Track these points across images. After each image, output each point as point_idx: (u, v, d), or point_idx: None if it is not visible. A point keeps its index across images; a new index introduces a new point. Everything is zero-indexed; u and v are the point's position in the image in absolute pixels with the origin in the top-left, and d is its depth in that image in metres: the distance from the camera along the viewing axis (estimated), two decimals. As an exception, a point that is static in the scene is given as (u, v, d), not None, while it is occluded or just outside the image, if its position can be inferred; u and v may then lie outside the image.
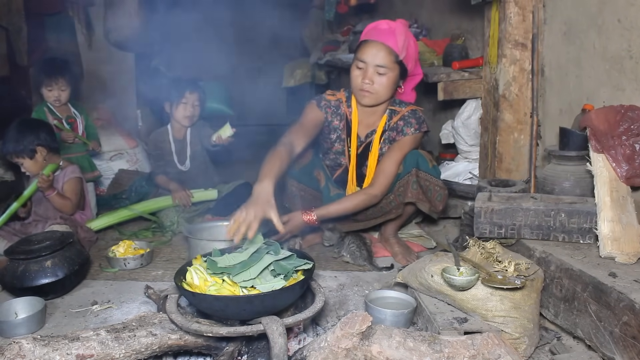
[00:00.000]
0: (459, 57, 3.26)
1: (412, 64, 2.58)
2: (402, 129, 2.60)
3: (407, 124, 2.59)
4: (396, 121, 2.61)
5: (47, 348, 1.55)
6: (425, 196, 2.52)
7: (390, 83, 2.52)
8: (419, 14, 4.29)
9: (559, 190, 2.25)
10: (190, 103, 3.40)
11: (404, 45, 2.48)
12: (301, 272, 1.85)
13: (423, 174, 2.52)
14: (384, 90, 2.52)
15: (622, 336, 1.59)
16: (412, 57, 2.57)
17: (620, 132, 2.03)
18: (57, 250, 2.31)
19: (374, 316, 1.65)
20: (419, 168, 2.51)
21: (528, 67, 2.72)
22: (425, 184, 2.52)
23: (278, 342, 1.56)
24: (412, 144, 2.59)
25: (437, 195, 2.54)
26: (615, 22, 2.22)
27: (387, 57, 2.46)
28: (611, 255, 1.87)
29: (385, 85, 2.51)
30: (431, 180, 2.52)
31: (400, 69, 2.52)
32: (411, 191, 2.50)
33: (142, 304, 2.22)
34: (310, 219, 2.47)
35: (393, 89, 2.56)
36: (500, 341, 1.51)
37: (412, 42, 2.57)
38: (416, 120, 2.60)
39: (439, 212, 2.58)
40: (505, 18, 2.68)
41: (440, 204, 2.56)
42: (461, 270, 1.85)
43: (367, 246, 2.62)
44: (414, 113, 2.61)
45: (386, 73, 2.48)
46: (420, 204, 2.52)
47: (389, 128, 2.63)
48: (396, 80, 2.54)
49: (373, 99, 2.55)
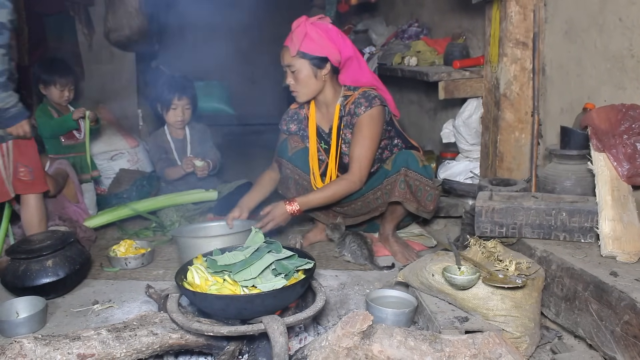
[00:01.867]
0: (460, 56, 3.25)
1: (325, 51, 2.53)
2: (354, 111, 2.59)
3: (358, 105, 2.58)
4: (349, 106, 2.61)
5: (48, 347, 1.55)
6: (414, 196, 2.50)
7: (304, 77, 2.56)
8: (420, 13, 4.29)
9: (560, 189, 2.25)
10: (179, 108, 3.39)
11: (301, 38, 2.49)
12: (302, 271, 1.85)
13: (413, 174, 2.50)
14: (302, 85, 2.58)
15: (624, 335, 1.59)
16: (322, 46, 2.52)
17: (621, 131, 2.03)
18: (58, 249, 2.31)
19: (375, 315, 1.65)
20: (409, 167, 2.50)
21: (529, 66, 2.71)
22: (415, 184, 2.50)
23: (279, 341, 1.56)
24: (368, 123, 2.55)
25: (427, 195, 2.52)
26: (617, 21, 2.22)
27: (288, 56, 2.54)
28: (612, 254, 1.87)
29: (301, 81, 2.57)
30: (421, 180, 2.50)
31: (310, 60, 2.53)
32: (398, 190, 2.50)
33: (143, 304, 2.22)
34: (293, 208, 2.51)
35: (312, 81, 2.57)
36: (502, 340, 1.51)
37: (317, 31, 2.52)
38: (365, 99, 2.58)
39: (429, 211, 2.56)
40: (506, 17, 2.68)
41: (430, 204, 2.54)
42: (462, 270, 1.85)
43: (368, 245, 2.61)
44: (363, 93, 2.60)
45: (295, 69, 2.54)
46: (407, 203, 2.51)
47: (346, 113, 2.63)
48: (310, 72, 2.55)
49: (302, 96, 2.63)
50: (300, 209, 2.52)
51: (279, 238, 2.51)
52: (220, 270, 1.82)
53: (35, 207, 2.62)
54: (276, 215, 2.51)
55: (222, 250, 1.95)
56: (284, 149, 2.75)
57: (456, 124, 3.25)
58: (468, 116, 3.16)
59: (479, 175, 3.08)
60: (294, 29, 2.54)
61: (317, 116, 2.74)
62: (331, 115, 2.68)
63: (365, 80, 2.70)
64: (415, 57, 3.54)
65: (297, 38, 2.51)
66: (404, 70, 3.49)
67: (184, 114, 3.40)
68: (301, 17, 2.55)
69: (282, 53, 2.58)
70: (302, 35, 2.50)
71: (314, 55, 2.52)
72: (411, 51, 3.65)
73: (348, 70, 2.67)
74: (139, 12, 4.92)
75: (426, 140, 4.23)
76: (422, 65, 3.50)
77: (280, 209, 2.51)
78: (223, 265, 1.82)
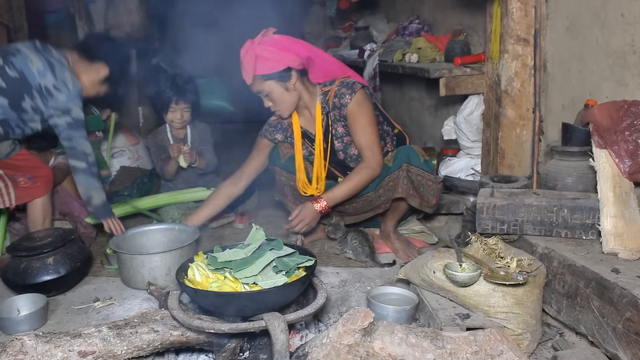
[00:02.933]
0: (461, 52, 3.24)
1: (283, 62, 2.48)
2: (340, 102, 2.58)
3: (341, 96, 2.57)
4: (332, 100, 2.60)
5: (49, 345, 1.55)
6: (417, 191, 2.51)
7: (277, 96, 2.55)
8: (420, 9, 4.28)
9: (562, 186, 2.25)
10: (178, 111, 3.38)
11: (252, 62, 2.45)
12: (303, 268, 1.84)
13: (414, 169, 2.51)
14: (280, 104, 2.58)
15: (625, 332, 1.58)
16: (277, 59, 2.47)
17: (623, 127, 2.02)
18: (59, 247, 2.31)
19: (376, 312, 1.65)
20: (410, 163, 2.50)
21: (530, 62, 2.70)
22: (417, 179, 2.51)
23: (280, 338, 1.56)
24: (359, 109, 2.54)
25: (429, 189, 2.52)
26: (619, 17, 2.21)
27: (253, 85, 2.52)
28: (614, 251, 1.86)
29: (276, 100, 2.56)
30: (423, 175, 2.51)
31: (274, 78, 2.50)
32: (401, 186, 2.51)
33: (144, 301, 2.22)
34: (321, 205, 2.52)
35: (286, 95, 2.55)
36: (503, 337, 1.51)
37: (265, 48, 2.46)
38: (346, 87, 2.57)
39: (432, 206, 2.56)
40: (508, 13, 2.67)
41: (433, 198, 2.54)
42: (463, 267, 1.85)
43: (370, 242, 2.61)
44: (342, 83, 2.59)
45: (266, 93, 2.54)
46: (410, 199, 2.51)
47: (331, 108, 2.62)
48: (281, 87, 2.53)
49: (284, 112, 2.63)
50: (327, 205, 2.53)
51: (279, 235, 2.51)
52: (221, 267, 1.82)
53: (41, 207, 2.64)
54: (306, 215, 2.53)
55: (222, 247, 1.95)
56: (275, 157, 2.73)
57: (457, 120, 3.24)
58: (469, 113, 3.15)
59: (480, 172, 3.07)
60: (242, 57, 2.48)
61: (301, 121, 2.71)
62: (314, 116, 2.67)
63: (334, 69, 2.68)
64: (416, 53, 3.53)
65: (248, 65, 2.46)
66: (404, 67, 3.49)
67: (182, 116, 3.39)
68: (246, 43, 2.50)
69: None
70: (254, 60, 2.45)
71: (275, 72, 2.48)
72: (412, 48, 3.64)
73: (314, 68, 2.64)
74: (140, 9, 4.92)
75: (427, 137, 4.22)
76: (423, 62, 3.49)
77: (309, 209, 2.52)
78: (224, 262, 1.82)
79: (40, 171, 2.67)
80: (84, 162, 2.46)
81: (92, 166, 2.50)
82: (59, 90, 2.41)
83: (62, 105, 2.42)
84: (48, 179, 2.68)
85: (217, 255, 1.87)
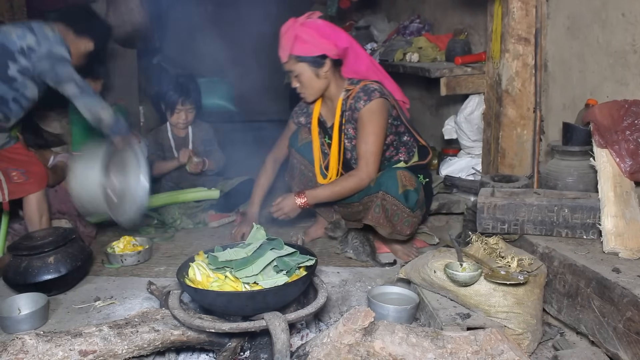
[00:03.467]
0: (462, 52, 3.24)
1: (320, 48, 2.51)
2: (355, 106, 2.58)
3: (357, 100, 2.56)
4: (350, 101, 2.60)
5: (50, 344, 1.55)
6: (389, 221, 2.46)
7: (307, 79, 2.57)
8: (421, 9, 4.28)
9: (562, 185, 2.25)
10: (183, 112, 3.38)
11: (292, 42, 2.48)
12: (304, 268, 1.84)
13: (390, 198, 2.45)
14: (307, 87, 2.60)
15: (626, 332, 1.58)
16: (315, 44, 2.49)
17: (624, 127, 2.02)
18: (59, 246, 2.31)
19: (376, 312, 1.65)
20: (387, 192, 2.45)
21: (531, 62, 2.70)
22: (392, 208, 2.45)
23: (280, 337, 1.56)
24: (370, 118, 2.52)
25: (404, 220, 2.47)
26: (619, 17, 2.20)
27: (286, 63, 2.55)
28: (615, 250, 1.86)
29: (305, 83, 2.58)
30: (398, 205, 2.45)
31: (308, 62, 2.52)
32: (372, 214, 2.48)
33: (145, 300, 2.22)
34: (302, 201, 2.54)
35: (315, 81, 2.58)
36: (503, 337, 1.51)
37: (307, 31, 2.49)
38: (365, 92, 2.56)
39: (405, 235, 2.53)
40: (508, 13, 2.67)
41: (407, 229, 2.50)
42: (464, 266, 1.85)
43: (371, 242, 2.62)
44: (364, 87, 2.58)
45: (297, 74, 2.56)
46: (379, 228, 2.48)
47: (347, 108, 2.62)
48: (312, 73, 2.55)
49: (309, 96, 2.65)
50: (308, 202, 2.54)
51: (281, 235, 2.51)
52: (222, 266, 1.82)
53: (36, 204, 2.62)
54: (286, 205, 2.56)
55: (223, 246, 1.95)
56: (294, 139, 2.79)
57: (458, 120, 3.24)
58: (470, 112, 3.15)
59: (481, 172, 3.07)
60: (282, 34, 2.52)
61: (322, 110, 2.75)
62: (335, 110, 2.68)
63: (363, 68, 2.68)
64: (417, 53, 3.53)
65: (287, 43, 2.49)
66: (405, 66, 3.48)
67: (187, 117, 3.40)
68: (289, 20, 2.53)
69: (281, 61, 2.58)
70: (293, 39, 2.47)
71: (310, 56, 2.51)
72: (413, 47, 3.64)
73: (347, 62, 2.66)
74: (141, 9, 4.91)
75: (428, 136, 4.21)
76: (424, 61, 3.49)
77: (289, 201, 2.56)
78: (224, 261, 1.83)
79: (34, 167, 2.67)
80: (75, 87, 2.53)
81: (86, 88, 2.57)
82: (39, 43, 2.54)
83: (46, 51, 2.53)
84: (42, 176, 2.68)
85: (218, 254, 1.87)
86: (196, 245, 2.88)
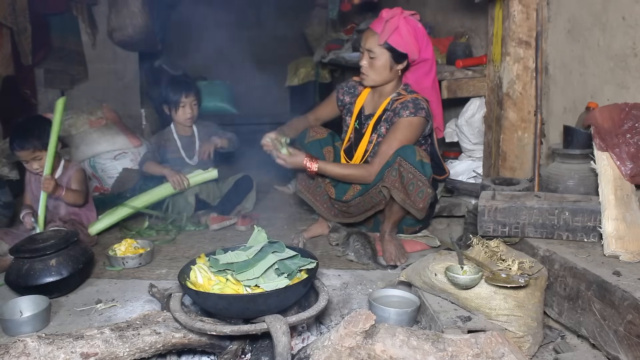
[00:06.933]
0: (463, 55, 3.25)
1: (408, 48, 2.58)
2: (399, 111, 2.60)
3: (404, 108, 2.59)
4: (396, 104, 2.63)
5: (51, 346, 1.55)
6: (404, 187, 2.48)
7: (379, 66, 2.60)
8: (422, 12, 4.27)
9: (563, 188, 2.25)
10: (188, 105, 3.40)
11: (392, 30, 2.53)
12: (305, 271, 1.85)
13: (407, 165, 2.48)
14: (374, 72, 2.63)
15: (627, 335, 1.58)
16: (407, 43, 2.56)
17: (624, 130, 2.02)
18: (61, 249, 2.32)
19: (377, 315, 1.65)
20: (404, 158, 2.48)
21: (532, 65, 2.71)
22: (407, 176, 2.47)
23: (281, 340, 1.56)
24: (405, 127, 2.56)
25: (419, 190, 2.48)
26: (620, 20, 2.21)
27: (373, 42, 2.58)
28: (615, 253, 1.87)
29: (375, 68, 2.62)
30: (415, 173, 2.47)
31: (392, 53, 2.57)
32: (389, 177, 2.51)
33: (146, 303, 2.23)
34: (311, 166, 2.59)
35: (385, 72, 2.62)
36: (504, 340, 1.51)
37: (407, 28, 2.56)
38: (414, 105, 2.58)
39: (418, 209, 2.52)
40: (509, 16, 2.68)
41: (420, 201, 2.49)
42: (465, 269, 1.85)
43: (372, 245, 2.61)
44: (414, 100, 2.60)
45: (375, 56, 2.59)
46: (394, 191, 2.49)
47: (390, 109, 2.66)
48: (387, 64, 2.60)
49: (369, 81, 2.68)
50: (315, 170, 2.60)
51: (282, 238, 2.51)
52: (223, 269, 1.82)
53: None
54: (292, 162, 2.59)
55: (224, 249, 1.95)
56: (303, 136, 2.83)
57: (459, 123, 3.24)
58: (471, 115, 3.16)
59: (482, 175, 3.07)
60: (387, 19, 2.56)
61: (367, 98, 2.80)
62: (379, 104, 2.72)
63: (425, 85, 2.75)
64: (418, 56, 3.53)
65: (388, 29, 2.54)
66: (406, 69, 3.49)
67: (192, 110, 3.43)
68: (396, 9, 2.59)
69: (365, 35, 2.62)
70: (394, 28, 2.53)
71: (397, 50, 2.56)
72: (414, 50, 3.64)
73: (417, 71, 2.73)
74: (142, 12, 4.93)
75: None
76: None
77: (298, 159, 2.59)
78: (226, 264, 1.83)
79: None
80: None
81: None
82: None
83: None
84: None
85: (219, 257, 1.88)
86: (197, 248, 2.88)
